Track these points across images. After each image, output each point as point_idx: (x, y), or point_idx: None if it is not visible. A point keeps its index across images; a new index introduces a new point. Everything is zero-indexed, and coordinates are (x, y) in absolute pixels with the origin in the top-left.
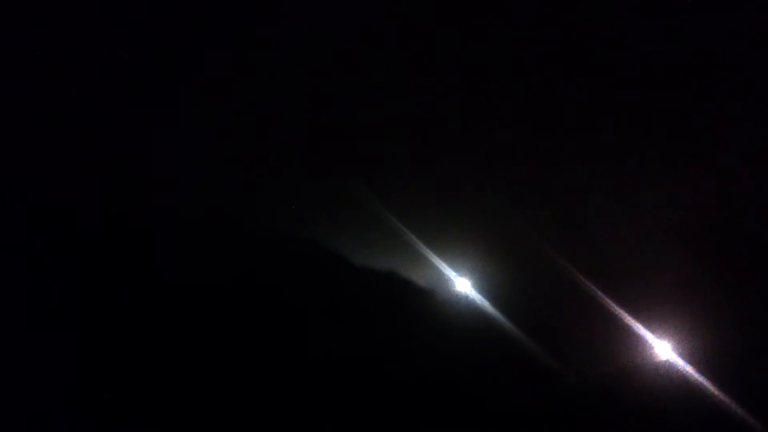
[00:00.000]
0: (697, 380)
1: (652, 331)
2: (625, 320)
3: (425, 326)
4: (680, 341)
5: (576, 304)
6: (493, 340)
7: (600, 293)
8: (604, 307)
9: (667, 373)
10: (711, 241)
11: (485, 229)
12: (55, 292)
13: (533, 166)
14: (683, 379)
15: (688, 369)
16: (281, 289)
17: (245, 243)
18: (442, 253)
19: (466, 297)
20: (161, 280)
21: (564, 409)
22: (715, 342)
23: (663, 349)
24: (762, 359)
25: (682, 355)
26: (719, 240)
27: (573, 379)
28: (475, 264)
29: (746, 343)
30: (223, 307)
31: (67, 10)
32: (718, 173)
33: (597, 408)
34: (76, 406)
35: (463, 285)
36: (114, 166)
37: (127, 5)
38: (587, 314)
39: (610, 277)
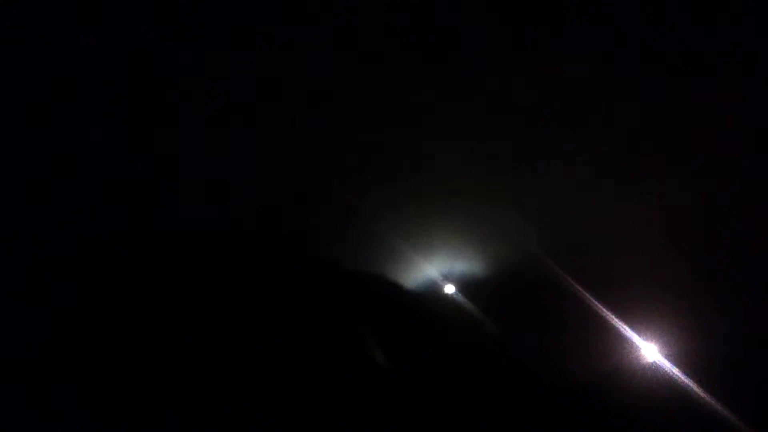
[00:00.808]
0: (682, 381)
1: (639, 333)
2: (612, 322)
3: (414, 327)
4: (667, 343)
5: (563, 306)
6: (480, 343)
7: (588, 296)
8: (591, 309)
9: (654, 374)
10: (697, 244)
11: (472, 232)
12: (54, 292)
13: (523, 171)
14: (669, 380)
15: (674, 370)
16: (278, 292)
17: (242, 248)
18: (430, 258)
19: (453, 300)
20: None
21: (550, 409)
22: (701, 344)
23: (650, 350)
24: (746, 360)
25: (668, 357)
26: (706, 243)
27: (560, 380)
28: (462, 268)
29: (731, 344)
30: (220, 310)
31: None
32: (706, 178)
33: (583, 408)
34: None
35: (449, 288)
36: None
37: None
38: (575, 316)
39: (597, 279)
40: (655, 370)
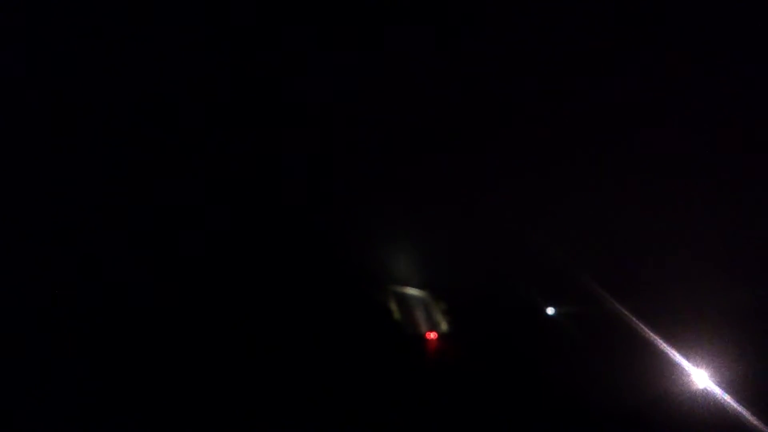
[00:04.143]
0: (734, 409)
1: (689, 359)
2: (662, 347)
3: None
4: (718, 369)
5: (612, 331)
6: (528, 368)
7: (636, 320)
8: (640, 333)
9: (704, 401)
10: (751, 268)
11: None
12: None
13: (572, 193)
14: (720, 408)
15: (725, 398)
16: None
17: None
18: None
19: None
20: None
21: None
22: (754, 371)
23: (700, 377)
24: None
25: (719, 384)
26: (761, 268)
27: (608, 406)
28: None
29: None
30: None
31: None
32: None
33: None
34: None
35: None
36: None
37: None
38: (623, 341)
39: (646, 303)
40: (705, 397)
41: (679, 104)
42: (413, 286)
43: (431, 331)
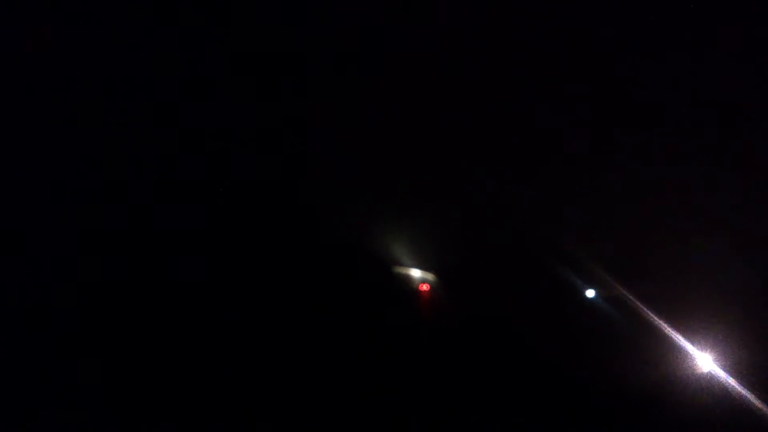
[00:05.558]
0: (738, 393)
1: (694, 342)
2: (666, 331)
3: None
4: (722, 353)
5: (616, 315)
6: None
7: (640, 304)
8: (643, 317)
9: (709, 385)
10: (757, 249)
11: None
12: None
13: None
14: (725, 392)
15: (730, 381)
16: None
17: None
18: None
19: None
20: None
21: (602, 418)
22: (759, 354)
23: (705, 360)
24: None
25: (724, 368)
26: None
27: (611, 390)
28: None
29: None
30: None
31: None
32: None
33: (635, 419)
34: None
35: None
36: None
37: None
38: (627, 325)
39: (649, 286)
40: (710, 380)
41: (686, 97)
42: (417, 267)
43: (423, 284)
